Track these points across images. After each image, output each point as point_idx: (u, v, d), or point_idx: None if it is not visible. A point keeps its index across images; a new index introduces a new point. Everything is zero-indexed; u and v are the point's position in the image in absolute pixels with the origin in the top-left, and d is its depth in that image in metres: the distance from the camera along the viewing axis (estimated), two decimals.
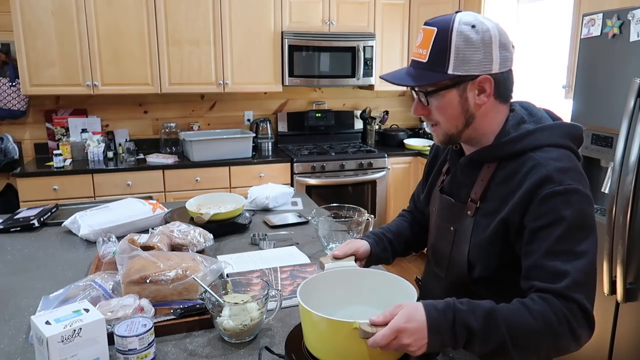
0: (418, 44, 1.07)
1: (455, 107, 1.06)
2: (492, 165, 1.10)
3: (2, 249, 1.76)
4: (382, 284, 1.17)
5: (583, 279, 0.95)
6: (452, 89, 1.05)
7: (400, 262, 4.15)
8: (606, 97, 2.23)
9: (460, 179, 1.18)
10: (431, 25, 1.06)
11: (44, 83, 3.37)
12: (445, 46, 1.02)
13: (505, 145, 1.08)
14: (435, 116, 1.09)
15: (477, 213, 1.11)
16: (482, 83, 1.04)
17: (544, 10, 3.60)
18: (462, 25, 1.02)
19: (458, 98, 1.05)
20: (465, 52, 1.01)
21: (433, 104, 1.07)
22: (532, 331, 0.92)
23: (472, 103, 1.06)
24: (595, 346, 2.32)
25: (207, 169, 3.59)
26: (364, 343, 0.93)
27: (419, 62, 1.06)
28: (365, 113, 4.32)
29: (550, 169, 1.00)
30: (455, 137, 1.11)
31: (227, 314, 1.15)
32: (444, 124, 1.09)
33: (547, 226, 0.98)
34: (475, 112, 1.07)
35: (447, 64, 1.02)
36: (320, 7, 3.87)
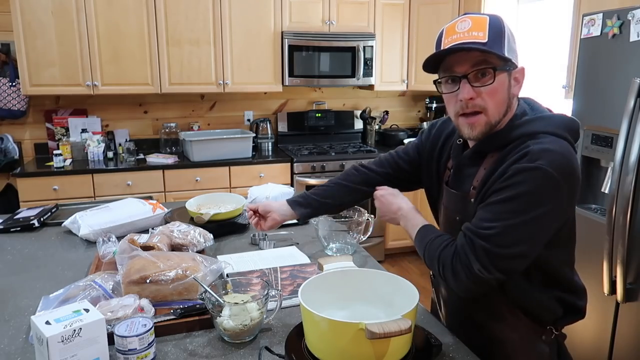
0: (467, 29, 1.04)
1: (505, 92, 1.08)
2: (495, 154, 1.12)
3: (2, 249, 1.76)
4: (383, 284, 1.17)
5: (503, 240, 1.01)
6: (505, 72, 1.07)
7: (400, 262, 4.16)
8: (606, 97, 2.23)
9: (465, 172, 1.20)
10: (476, 14, 1.07)
11: (44, 83, 3.37)
12: (501, 31, 1.05)
13: (505, 132, 1.10)
14: (485, 100, 1.07)
15: (476, 198, 1.13)
16: (519, 73, 1.10)
17: (544, 10, 3.60)
18: (503, 18, 1.08)
19: (507, 83, 1.08)
20: (512, 41, 1.07)
21: (495, 81, 1.05)
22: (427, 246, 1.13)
23: (512, 92, 1.10)
24: (595, 346, 2.32)
25: (207, 169, 3.59)
26: (369, 343, 0.94)
27: (477, 42, 1.03)
28: (365, 113, 4.32)
29: (536, 147, 1.02)
30: (493, 127, 1.10)
31: (227, 314, 1.15)
32: (492, 109, 1.08)
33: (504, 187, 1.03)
34: (512, 102, 1.11)
35: (503, 47, 1.05)
36: (320, 7, 3.87)
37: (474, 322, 1.23)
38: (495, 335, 1.20)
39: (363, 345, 0.94)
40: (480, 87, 1.06)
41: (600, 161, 2.31)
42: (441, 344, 1.11)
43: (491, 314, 1.19)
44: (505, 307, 1.17)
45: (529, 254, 1.04)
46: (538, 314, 1.16)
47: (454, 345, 1.17)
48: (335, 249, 1.72)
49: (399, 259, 4.21)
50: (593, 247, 2.24)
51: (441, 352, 1.11)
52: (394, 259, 4.19)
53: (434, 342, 1.10)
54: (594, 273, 2.23)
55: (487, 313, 1.20)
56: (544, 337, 1.17)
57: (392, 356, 0.99)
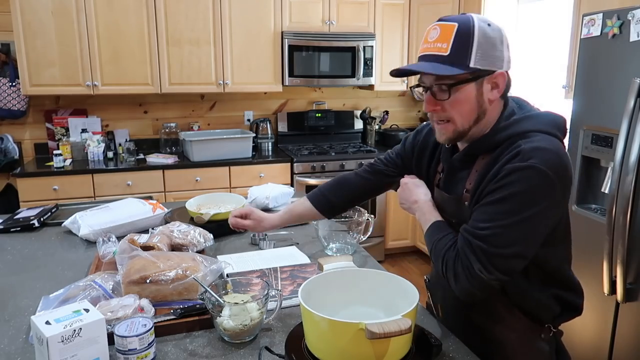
0: (434, 39, 1.07)
1: (472, 102, 1.08)
2: (486, 156, 1.12)
3: (2, 249, 1.76)
4: (383, 284, 1.17)
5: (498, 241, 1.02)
6: (471, 83, 1.06)
7: (400, 262, 4.16)
8: (606, 97, 2.23)
9: (456, 175, 1.21)
10: (449, 21, 1.06)
11: (44, 83, 3.37)
12: (468, 40, 1.03)
13: (494, 134, 1.11)
14: (449, 112, 1.09)
15: (471, 201, 1.13)
16: (496, 78, 1.08)
17: (544, 10, 3.60)
18: (481, 22, 1.05)
19: (475, 92, 1.07)
20: (485, 47, 1.04)
21: (450, 97, 1.07)
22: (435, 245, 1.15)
23: (485, 98, 1.09)
24: (595, 346, 2.32)
25: (207, 169, 3.59)
26: (369, 343, 0.94)
27: (438, 56, 1.05)
28: (365, 113, 4.32)
29: (527, 146, 1.03)
30: (463, 134, 1.12)
31: (227, 314, 1.15)
32: (457, 119, 1.09)
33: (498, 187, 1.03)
34: (488, 108, 1.10)
35: (469, 58, 1.04)
36: (320, 7, 3.87)
37: (472, 324, 1.23)
38: (494, 336, 1.20)
39: (363, 345, 0.94)
40: (442, 100, 1.08)
41: (600, 161, 2.31)
42: (441, 344, 1.11)
43: (489, 315, 1.19)
44: (503, 308, 1.17)
45: (526, 253, 1.04)
46: (537, 312, 1.16)
47: (454, 345, 1.17)
48: (335, 249, 1.72)
49: (399, 259, 4.21)
50: (593, 247, 2.24)
51: (441, 352, 1.11)
52: (394, 259, 4.19)
53: (434, 342, 1.10)
54: (594, 273, 2.23)
55: (485, 315, 1.20)
56: (543, 336, 1.18)
57: (392, 356, 0.99)
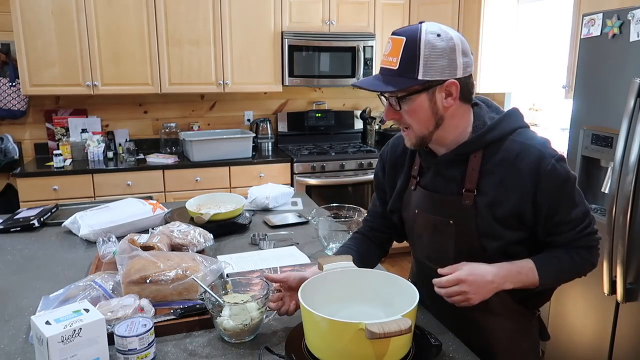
0: (387, 53, 1.13)
1: (426, 111, 1.14)
2: (478, 154, 1.18)
3: (2, 249, 1.76)
4: (382, 284, 1.17)
5: (590, 219, 1.19)
6: (422, 94, 1.12)
7: (400, 262, 4.16)
8: (606, 97, 2.23)
9: (445, 174, 1.22)
10: (399, 35, 1.12)
11: (44, 83, 3.37)
12: (415, 54, 1.08)
13: (486, 134, 1.17)
14: (407, 120, 1.16)
15: (476, 200, 1.16)
16: (449, 87, 1.12)
17: (544, 10, 3.60)
18: (429, 34, 1.09)
19: (428, 102, 1.13)
20: (433, 58, 1.09)
21: (404, 108, 1.14)
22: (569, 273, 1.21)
23: (440, 106, 1.14)
24: (595, 346, 2.32)
25: (207, 169, 3.59)
26: (369, 343, 0.94)
27: (390, 70, 1.12)
28: (365, 113, 4.32)
29: (537, 145, 1.14)
30: (426, 139, 1.18)
31: (227, 314, 1.16)
32: (415, 126, 1.16)
33: (559, 190, 1.14)
34: (444, 114, 1.15)
35: (417, 70, 1.09)
36: (320, 7, 3.87)
37: (467, 319, 1.25)
38: (490, 328, 1.24)
39: (363, 345, 0.94)
40: (400, 110, 1.14)
41: (600, 161, 2.31)
42: (441, 344, 1.11)
43: (485, 308, 1.21)
44: (499, 301, 1.20)
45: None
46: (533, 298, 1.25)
47: (454, 345, 1.17)
48: (335, 249, 1.72)
49: (399, 259, 4.21)
50: None
51: (441, 352, 1.11)
52: (394, 259, 4.19)
53: (434, 342, 1.10)
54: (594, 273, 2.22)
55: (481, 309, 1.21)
56: (532, 322, 1.29)
57: (392, 356, 0.99)
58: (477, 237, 1.17)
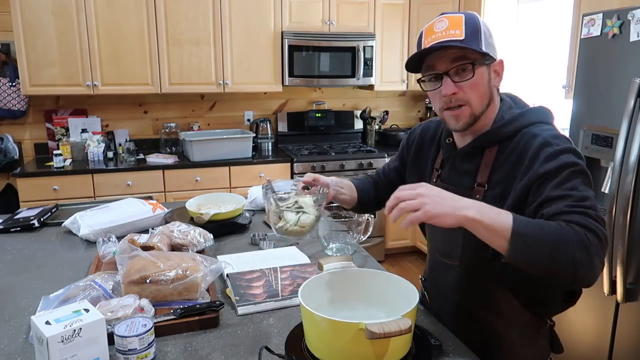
0: (444, 28, 1.10)
1: (485, 85, 1.14)
2: (493, 149, 1.16)
3: (2, 249, 1.76)
4: (382, 284, 1.17)
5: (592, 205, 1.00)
6: (484, 66, 1.13)
7: (400, 262, 4.16)
8: (606, 97, 2.23)
9: (460, 168, 1.23)
10: (453, 14, 1.12)
11: (44, 83, 3.37)
12: (477, 28, 1.11)
13: (502, 127, 1.15)
14: (467, 94, 1.12)
15: (486, 195, 1.15)
16: (498, 66, 1.15)
17: (544, 10, 3.60)
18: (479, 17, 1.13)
19: (487, 76, 1.14)
20: (488, 35, 1.13)
21: (468, 81, 1.11)
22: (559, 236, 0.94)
23: (492, 84, 1.16)
24: (595, 346, 2.32)
25: (207, 169, 3.59)
26: (369, 343, 0.94)
27: (454, 41, 1.09)
28: (365, 113, 4.32)
29: (546, 135, 1.09)
30: (477, 119, 1.16)
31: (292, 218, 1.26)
32: (474, 101, 1.13)
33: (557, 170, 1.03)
34: (494, 95, 1.17)
35: (480, 43, 1.10)
36: (320, 7, 3.87)
37: (474, 320, 1.24)
38: (494, 331, 1.22)
39: (363, 345, 0.94)
40: (461, 82, 1.12)
41: (600, 161, 2.31)
42: (441, 344, 1.11)
43: (493, 310, 1.20)
44: (507, 303, 1.18)
45: None
46: (541, 305, 1.19)
47: (453, 345, 1.17)
48: (335, 249, 1.71)
49: (399, 259, 4.21)
50: None
51: (441, 352, 1.11)
52: (394, 259, 4.19)
53: (434, 342, 1.10)
54: None
55: (488, 310, 1.21)
56: (541, 330, 1.21)
57: (392, 356, 0.99)
58: None
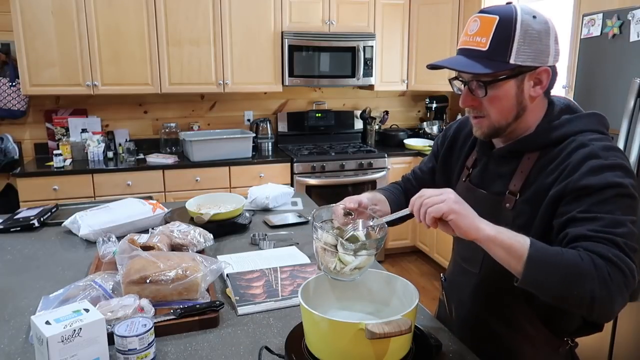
0: (473, 32, 1.03)
1: (511, 99, 1.04)
2: (533, 156, 1.07)
3: (2, 249, 1.76)
4: (383, 284, 1.17)
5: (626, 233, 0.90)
6: (511, 80, 1.02)
7: (400, 262, 4.16)
8: (606, 97, 2.23)
9: (494, 170, 1.15)
10: (490, 13, 1.02)
11: (44, 83, 3.37)
12: (509, 35, 0.99)
13: (548, 132, 1.06)
14: (486, 108, 1.06)
15: (516, 204, 1.07)
16: (540, 74, 1.03)
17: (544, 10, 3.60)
18: (524, 14, 1.00)
19: (515, 89, 1.03)
20: (527, 41, 1.00)
21: (487, 94, 1.03)
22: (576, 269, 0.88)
23: (527, 95, 1.05)
24: (595, 346, 2.32)
25: (207, 169, 3.59)
26: (369, 343, 0.94)
27: (477, 50, 1.01)
28: (365, 113, 4.32)
29: (595, 146, 0.98)
30: (501, 131, 1.08)
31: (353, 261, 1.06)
32: (494, 115, 1.06)
33: (598, 188, 0.93)
34: (528, 105, 1.06)
35: (509, 53, 0.99)
36: (320, 7, 3.87)
37: (488, 331, 1.19)
38: (509, 345, 1.15)
39: (363, 345, 0.94)
40: (485, 95, 1.04)
41: None
42: (441, 344, 1.11)
43: (509, 324, 1.15)
44: (524, 318, 1.12)
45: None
46: (560, 324, 1.11)
47: (454, 345, 1.17)
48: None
49: (399, 259, 4.21)
50: None
51: (441, 352, 1.11)
52: (394, 259, 4.19)
53: (434, 342, 1.10)
54: None
55: (504, 322, 1.16)
56: (560, 349, 1.13)
57: (392, 356, 0.99)
58: None
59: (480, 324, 1.21)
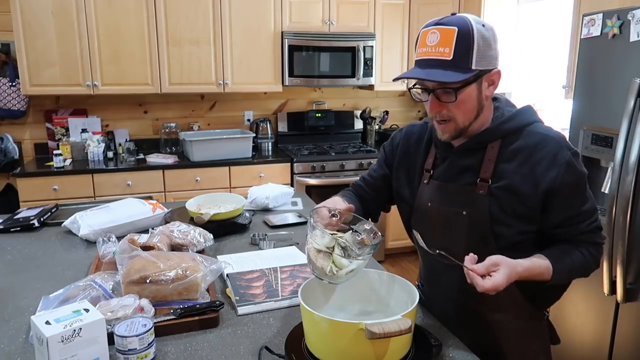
0: (435, 43, 1.11)
1: (473, 101, 1.14)
2: (495, 144, 1.18)
3: (2, 249, 1.76)
4: (382, 284, 1.17)
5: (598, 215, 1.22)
6: (473, 84, 1.12)
7: (400, 262, 4.16)
8: (606, 97, 2.23)
9: (459, 165, 1.23)
10: (447, 25, 1.11)
11: (44, 83, 3.37)
12: (469, 44, 1.08)
13: (505, 123, 1.19)
14: (452, 111, 1.14)
15: (491, 190, 1.16)
16: (493, 76, 1.15)
17: (544, 10, 3.60)
18: (477, 24, 1.10)
19: (476, 92, 1.14)
20: (483, 49, 1.10)
21: (457, 99, 1.12)
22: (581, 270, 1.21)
23: (483, 95, 1.16)
24: (595, 346, 2.32)
25: (207, 169, 3.59)
26: (369, 343, 0.94)
27: (442, 60, 1.09)
28: (365, 113, 4.32)
29: (557, 139, 1.15)
30: (465, 130, 1.18)
31: None
32: (460, 118, 1.15)
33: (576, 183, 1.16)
34: (484, 104, 1.17)
35: (471, 60, 1.09)
36: (320, 7, 3.87)
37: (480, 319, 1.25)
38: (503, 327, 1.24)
39: (363, 345, 0.94)
40: (447, 102, 1.13)
41: (600, 161, 2.31)
42: (441, 344, 1.11)
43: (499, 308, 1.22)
44: (513, 299, 1.21)
45: None
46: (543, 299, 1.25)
47: (454, 345, 1.17)
48: None
49: (399, 259, 4.21)
50: None
51: (441, 352, 1.11)
52: (394, 259, 4.19)
53: (434, 342, 1.10)
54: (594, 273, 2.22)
55: (494, 307, 1.22)
56: (542, 322, 1.29)
57: (392, 356, 0.99)
58: (490, 227, 1.17)
59: (471, 315, 1.26)
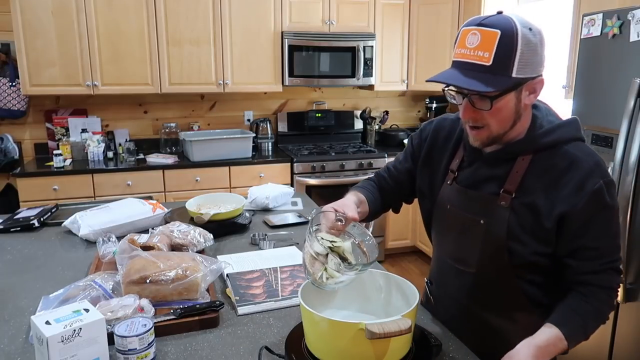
0: (474, 46, 1.03)
1: (510, 110, 1.07)
2: (527, 158, 1.12)
3: (2, 249, 1.76)
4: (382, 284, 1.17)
5: (619, 258, 1.12)
6: (512, 92, 1.05)
7: (400, 262, 4.16)
8: (606, 97, 2.23)
9: (486, 173, 1.17)
10: (490, 27, 1.02)
11: (44, 83, 3.37)
12: (512, 49, 1.00)
13: (541, 137, 1.11)
14: (486, 119, 1.08)
15: (513, 203, 1.11)
16: (535, 84, 1.07)
17: (544, 10, 3.60)
18: (523, 28, 1.01)
19: (515, 100, 1.06)
20: (527, 55, 1.02)
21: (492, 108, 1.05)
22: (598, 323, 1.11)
23: (522, 104, 1.08)
24: (595, 346, 2.32)
25: (207, 169, 3.59)
26: (369, 343, 0.94)
27: (480, 65, 1.02)
28: (365, 113, 4.32)
29: (591, 163, 1.08)
30: (499, 138, 1.12)
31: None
32: (494, 126, 1.09)
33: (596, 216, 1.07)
34: (522, 113, 1.10)
35: (512, 68, 1.01)
36: (320, 7, 3.87)
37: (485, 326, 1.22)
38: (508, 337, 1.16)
39: (363, 345, 0.94)
40: (480, 109, 1.07)
41: None
42: (441, 344, 1.11)
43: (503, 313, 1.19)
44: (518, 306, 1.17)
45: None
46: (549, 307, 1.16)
47: (454, 345, 1.17)
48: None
49: (399, 259, 4.21)
50: None
51: (441, 352, 1.11)
52: (394, 259, 4.19)
53: (434, 342, 1.10)
54: None
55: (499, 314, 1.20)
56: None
57: (392, 356, 0.99)
58: (505, 241, 1.12)
59: (477, 321, 1.23)
